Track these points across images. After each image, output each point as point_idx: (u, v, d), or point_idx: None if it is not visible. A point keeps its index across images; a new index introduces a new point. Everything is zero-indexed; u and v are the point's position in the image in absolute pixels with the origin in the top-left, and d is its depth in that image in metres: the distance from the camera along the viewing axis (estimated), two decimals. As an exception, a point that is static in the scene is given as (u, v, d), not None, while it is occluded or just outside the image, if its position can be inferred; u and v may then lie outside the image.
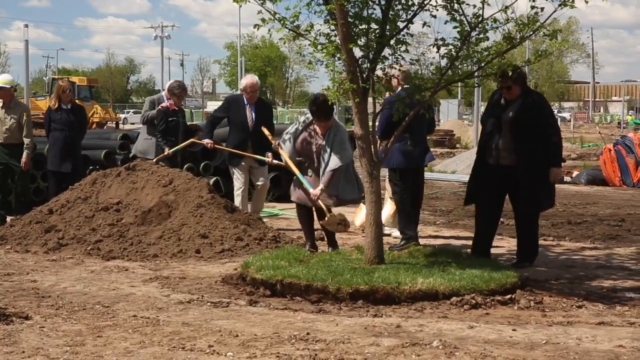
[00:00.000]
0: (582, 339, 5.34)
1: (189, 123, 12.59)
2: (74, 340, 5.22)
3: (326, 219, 8.04)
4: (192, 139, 10.69)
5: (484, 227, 8.16)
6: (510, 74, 7.58)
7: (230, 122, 10.49)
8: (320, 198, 8.02)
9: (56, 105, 10.95)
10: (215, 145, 10.56)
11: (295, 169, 8.27)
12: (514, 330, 5.57)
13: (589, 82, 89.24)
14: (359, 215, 10.29)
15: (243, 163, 10.19)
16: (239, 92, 10.88)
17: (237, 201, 10.08)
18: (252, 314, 6.00)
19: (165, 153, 10.50)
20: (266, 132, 9.62)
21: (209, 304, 6.31)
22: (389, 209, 9.61)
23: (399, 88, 8.39)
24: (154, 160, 10.51)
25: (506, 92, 7.89)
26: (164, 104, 10.77)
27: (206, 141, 10.44)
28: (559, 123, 8.42)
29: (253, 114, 10.20)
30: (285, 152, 8.40)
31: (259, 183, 10.40)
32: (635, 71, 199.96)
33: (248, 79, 10.56)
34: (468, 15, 7.04)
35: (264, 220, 10.11)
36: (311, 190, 8.05)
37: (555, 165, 7.92)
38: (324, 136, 8.15)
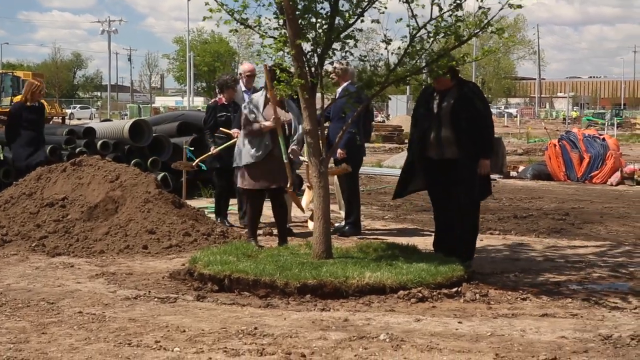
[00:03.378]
0: (526, 331, 5.43)
1: None
2: (18, 338, 5.14)
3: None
4: (227, 130, 9.97)
5: (442, 222, 8.08)
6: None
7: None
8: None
9: (28, 103, 10.92)
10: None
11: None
12: (459, 322, 5.64)
13: (535, 79, 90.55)
14: (304, 198, 10.42)
15: None
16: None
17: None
18: (200, 309, 5.98)
19: (211, 152, 10.09)
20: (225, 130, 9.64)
21: (156, 299, 6.27)
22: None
23: (343, 84, 8.53)
24: (196, 161, 10.26)
25: (435, 81, 7.70)
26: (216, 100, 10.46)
27: (234, 131, 9.70)
28: (505, 118, 8.40)
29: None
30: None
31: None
32: (580, 68, 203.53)
33: (244, 64, 10.88)
34: (417, 15, 7.09)
35: (211, 216, 10.07)
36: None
37: (485, 157, 7.73)
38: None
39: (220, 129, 10.02)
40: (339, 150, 9.04)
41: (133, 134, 12.85)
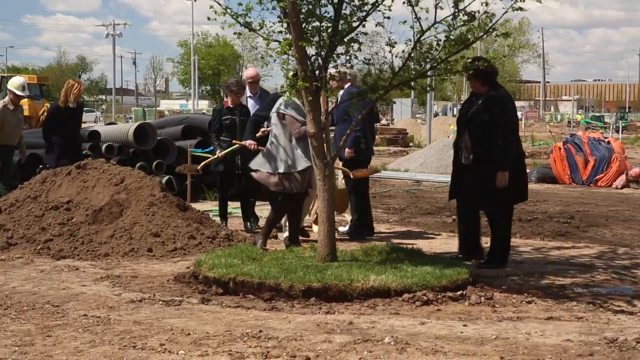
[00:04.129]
0: (532, 334, 5.42)
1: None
2: (23, 340, 5.15)
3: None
4: (241, 142, 9.72)
5: (464, 227, 8.21)
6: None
7: None
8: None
9: (64, 104, 10.94)
10: (259, 147, 9.34)
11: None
12: (464, 325, 5.63)
13: (539, 82, 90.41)
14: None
15: None
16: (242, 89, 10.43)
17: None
18: (204, 312, 5.98)
19: (216, 155, 10.00)
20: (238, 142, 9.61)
21: (160, 302, 6.27)
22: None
23: (346, 86, 8.63)
24: (201, 165, 10.20)
25: (471, 85, 8.01)
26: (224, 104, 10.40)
27: (249, 142, 9.57)
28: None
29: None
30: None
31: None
32: (585, 71, 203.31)
33: (248, 70, 10.81)
34: (421, 18, 7.08)
35: (216, 219, 10.08)
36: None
37: (500, 169, 7.68)
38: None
39: (234, 141, 9.81)
40: (347, 150, 9.08)
41: (138, 137, 12.87)
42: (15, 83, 11.16)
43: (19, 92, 11.09)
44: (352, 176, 9.35)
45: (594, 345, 5.16)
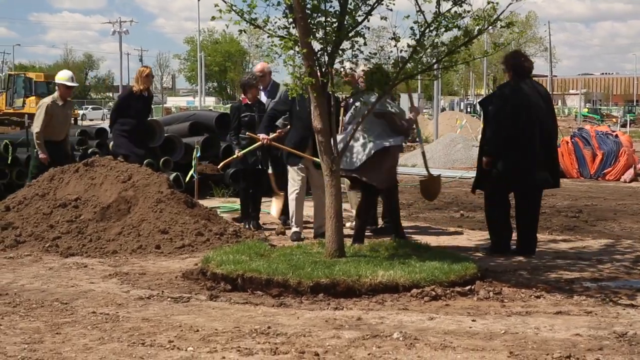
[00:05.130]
0: (540, 329, 5.41)
1: None
2: (32, 338, 5.15)
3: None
4: (254, 135, 9.53)
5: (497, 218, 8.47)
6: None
7: (291, 116, 9.33)
8: None
9: (138, 91, 10.96)
10: (272, 143, 9.42)
11: None
12: (473, 320, 5.62)
13: (546, 76, 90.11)
14: (273, 206, 10.61)
15: (301, 165, 9.15)
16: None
17: (292, 206, 9.17)
18: (213, 309, 5.98)
19: (235, 155, 9.79)
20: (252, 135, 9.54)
21: (169, 299, 6.28)
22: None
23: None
24: (221, 165, 10.13)
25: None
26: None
27: (261, 136, 9.37)
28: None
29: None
30: None
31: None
32: (592, 64, 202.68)
33: (257, 65, 10.86)
34: (424, 12, 7.07)
35: (224, 215, 10.08)
36: None
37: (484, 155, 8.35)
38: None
39: (247, 133, 9.68)
40: None
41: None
42: (63, 76, 11.03)
43: (69, 83, 10.92)
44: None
45: (603, 340, 5.14)
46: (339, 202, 7.22)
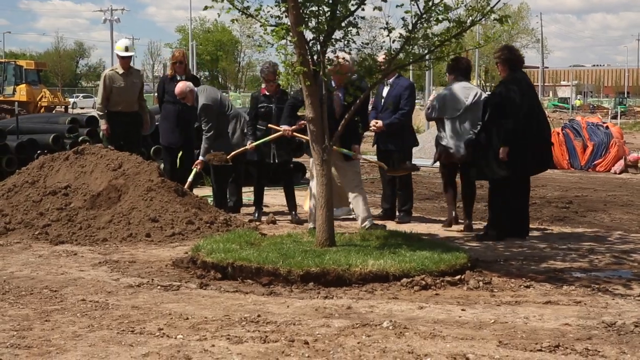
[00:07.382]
0: (530, 318, 5.42)
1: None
2: (21, 325, 5.14)
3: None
4: (276, 126, 9.31)
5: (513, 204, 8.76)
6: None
7: None
8: None
9: (171, 76, 10.84)
10: (295, 134, 9.22)
11: None
12: (463, 310, 5.63)
13: (538, 67, 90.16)
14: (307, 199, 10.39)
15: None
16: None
17: (311, 202, 8.60)
18: (203, 297, 5.98)
19: (247, 146, 9.61)
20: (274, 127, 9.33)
21: (159, 287, 6.27)
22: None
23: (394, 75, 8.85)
24: (231, 155, 9.60)
25: None
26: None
27: (284, 128, 9.13)
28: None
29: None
30: None
31: (338, 183, 9.03)
32: (584, 56, 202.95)
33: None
34: (418, 0, 7.05)
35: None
36: None
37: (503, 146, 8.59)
38: None
39: (269, 125, 9.45)
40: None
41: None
42: (118, 45, 11.01)
43: (121, 54, 10.87)
44: (387, 172, 9.65)
45: (592, 329, 5.16)
46: (330, 192, 7.22)
